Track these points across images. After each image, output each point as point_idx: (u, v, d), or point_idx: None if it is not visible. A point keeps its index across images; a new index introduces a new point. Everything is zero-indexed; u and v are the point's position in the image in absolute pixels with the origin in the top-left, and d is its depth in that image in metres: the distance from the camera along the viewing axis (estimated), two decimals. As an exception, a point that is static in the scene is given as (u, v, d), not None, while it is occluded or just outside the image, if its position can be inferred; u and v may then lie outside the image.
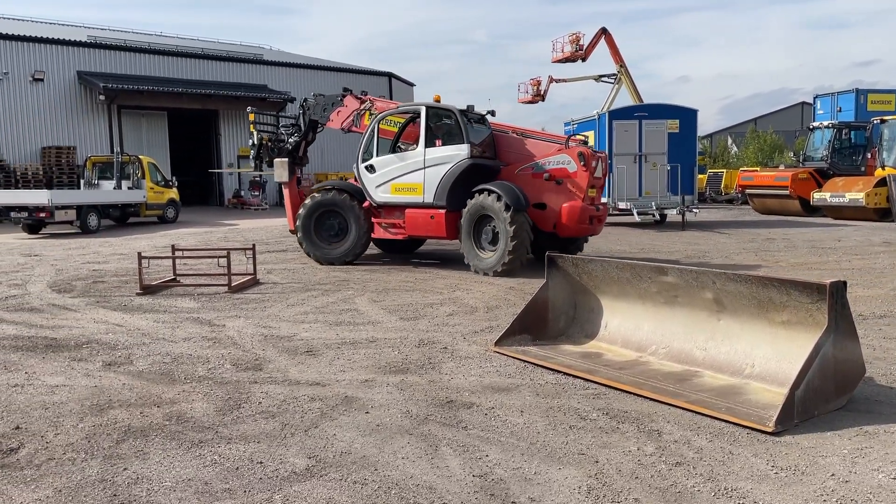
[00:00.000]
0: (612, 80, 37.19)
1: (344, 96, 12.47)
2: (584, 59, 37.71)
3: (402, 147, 11.50)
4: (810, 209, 21.69)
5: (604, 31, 36.77)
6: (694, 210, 19.18)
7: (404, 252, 12.95)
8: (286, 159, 12.52)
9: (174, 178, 24.17)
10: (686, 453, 3.69)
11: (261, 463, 3.61)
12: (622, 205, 18.57)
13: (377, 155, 11.29)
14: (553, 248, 8.99)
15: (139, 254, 9.30)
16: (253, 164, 13.59)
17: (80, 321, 7.29)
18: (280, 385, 4.95)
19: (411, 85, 44.20)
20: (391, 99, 39.39)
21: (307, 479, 3.41)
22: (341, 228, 11.55)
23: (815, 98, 29.53)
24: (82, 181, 23.45)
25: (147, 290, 9.03)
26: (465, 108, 10.94)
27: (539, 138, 11.30)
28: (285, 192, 12.71)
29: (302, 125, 12.98)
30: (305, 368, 5.38)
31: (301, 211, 11.60)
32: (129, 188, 21.87)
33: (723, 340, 4.98)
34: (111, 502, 3.20)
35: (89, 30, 34.64)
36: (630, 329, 5.67)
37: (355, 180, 11.72)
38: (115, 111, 29.29)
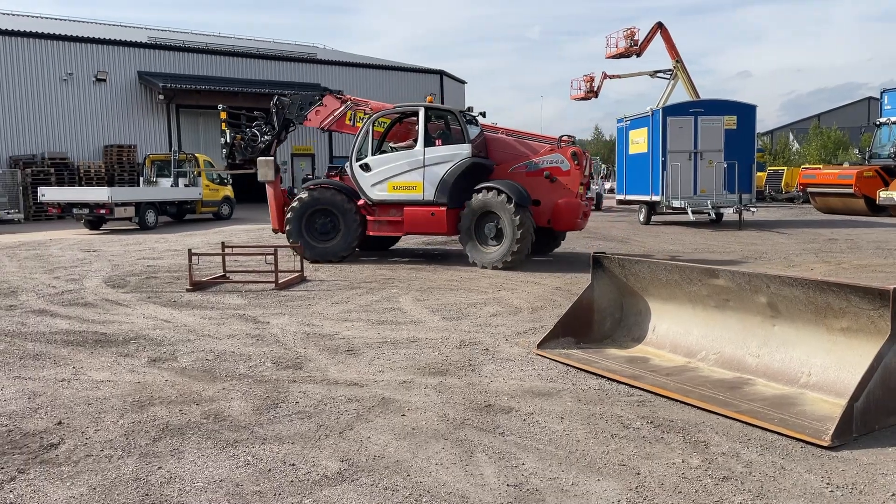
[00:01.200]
0: (668, 76, 36.43)
1: (323, 96, 12.56)
2: (638, 55, 37.08)
3: (395, 147, 11.78)
4: (876, 208, 20.78)
5: (660, 26, 36.03)
6: (752, 209, 18.59)
7: (379, 249, 13.12)
8: (271, 158, 12.47)
9: (229, 176, 24.63)
10: (734, 467, 3.50)
11: (293, 465, 3.57)
12: (676, 203, 18.12)
13: (371, 154, 11.47)
14: (539, 243, 11.04)
15: (189, 251, 9.46)
16: (225, 163, 13.47)
17: (131, 316, 7.43)
18: (318, 385, 4.93)
19: (462, 83, 44.12)
20: (442, 96, 39.40)
21: (338, 484, 3.36)
22: (332, 226, 11.62)
23: (882, 93, 28.28)
24: (141, 179, 24.10)
25: (197, 286, 9.17)
26: (464, 109, 11.60)
27: (526, 138, 11.86)
28: (269, 191, 12.43)
29: (275, 124, 12.82)
30: (345, 368, 5.34)
31: (293, 210, 11.60)
32: (185, 186, 22.38)
33: (777, 347, 4.74)
34: (143, 501, 3.20)
35: (150, 31, 35.61)
36: (679, 333, 5.47)
37: (338, 177, 12.27)
38: (174, 110, 30.02)
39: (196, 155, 23.86)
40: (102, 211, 18.89)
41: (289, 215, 11.60)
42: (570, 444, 3.81)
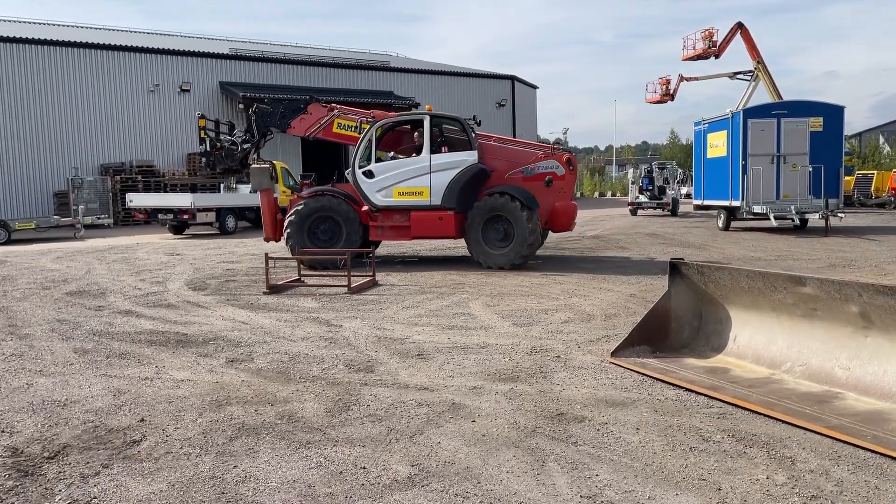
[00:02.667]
0: (749, 77, 35.24)
1: (308, 104, 12.50)
2: (717, 56, 36.02)
3: (396, 155, 12.11)
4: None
5: (740, 26, 34.91)
6: (839, 214, 17.71)
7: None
8: (266, 166, 12.47)
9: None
10: (823, 485, 3.31)
11: (364, 468, 3.58)
12: (757, 208, 17.44)
13: (374, 161, 11.67)
14: None
15: (266, 255, 9.69)
16: (206, 171, 13.36)
17: (210, 318, 7.66)
18: (389, 388, 4.94)
19: (534, 87, 43.87)
20: (513, 101, 39.30)
21: (409, 488, 3.34)
22: (333, 233, 11.67)
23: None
24: (222, 185, 24.93)
25: (273, 289, 9.39)
26: (470, 117, 12.00)
27: (516, 146, 12.43)
28: (262, 199, 12.32)
29: (255, 132, 12.71)
30: (415, 372, 5.35)
31: (294, 217, 11.63)
32: (263, 192, 22.98)
33: (870, 360, 4.47)
34: (218, 499, 3.26)
35: (231, 42, 36.86)
36: (762, 343, 5.23)
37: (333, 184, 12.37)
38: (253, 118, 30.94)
39: (273, 162, 24.48)
40: (185, 216, 19.67)
41: (291, 222, 11.62)
42: (646, 456, 3.69)
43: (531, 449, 3.79)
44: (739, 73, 35.96)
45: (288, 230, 11.67)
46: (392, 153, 12.38)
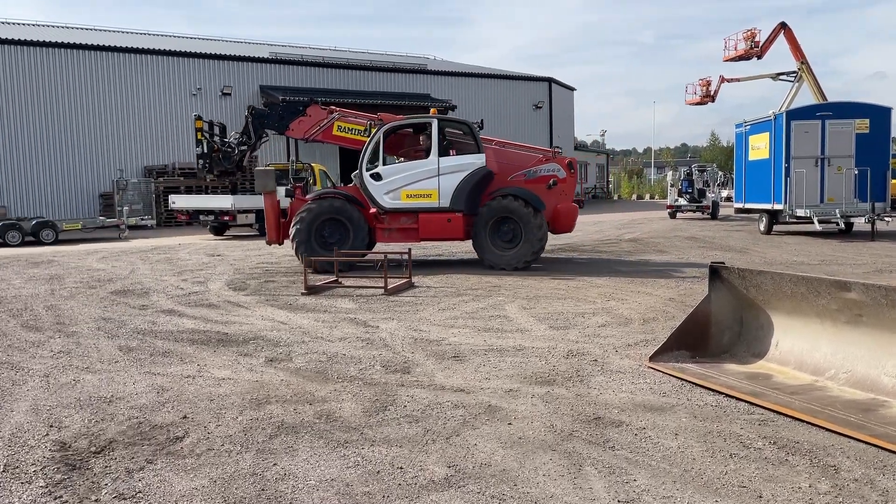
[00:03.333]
0: (793, 79, 34.57)
1: (307, 106, 12.40)
2: (759, 57, 35.43)
3: (400, 159, 12.24)
4: None
5: (783, 27, 34.29)
6: (886, 218, 17.25)
7: None
8: (272, 168, 12.34)
9: (342, 185, 25.41)
10: (868, 495, 3.23)
11: (401, 468, 3.61)
12: (801, 212, 17.08)
13: (384, 164, 11.71)
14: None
15: (306, 257, 9.81)
16: (203, 175, 12.86)
17: (250, 318, 7.79)
18: (425, 389, 4.97)
19: (572, 89, 43.62)
20: (550, 103, 39.13)
21: (445, 489, 3.36)
22: (340, 236, 11.63)
23: None
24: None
25: (311, 290, 9.51)
26: (478, 121, 12.28)
27: (517, 149, 12.72)
28: (266, 202, 12.09)
29: (252, 133, 12.53)
30: (451, 374, 5.36)
31: (302, 220, 11.51)
32: (301, 194, 23.26)
33: (918, 368, 4.35)
34: (259, 496, 3.32)
35: (271, 46, 37.40)
36: (805, 350, 5.13)
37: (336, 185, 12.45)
38: (291, 122, 31.34)
39: (312, 164, 24.78)
40: (226, 218, 20.02)
41: (298, 225, 11.51)
42: (685, 461, 3.65)
43: (568, 453, 3.78)
44: (782, 74, 35.33)
45: (296, 233, 11.54)
46: (397, 156, 12.44)
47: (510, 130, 37.38)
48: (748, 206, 19.75)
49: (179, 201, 21.33)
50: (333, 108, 12.71)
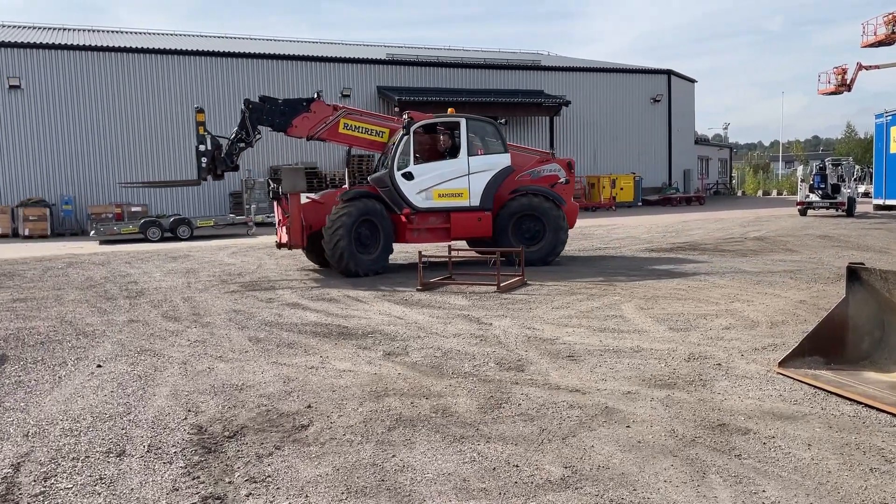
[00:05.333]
0: (942, 63, 31.66)
1: (311, 102, 11.68)
2: (903, 41, 32.69)
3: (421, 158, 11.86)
4: None
5: (931, 6, 31.43)
6: None
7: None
8: (301, 167, 11.56)
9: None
10: None
11: (517, 466, 3.61)
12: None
13: (414, 163, 11.46)
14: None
15: (420, 253, 10.00)
16: (202, 176, 11.57)
17: (368, 312, 8.03)
18: (540, 388, 4.94)
19: (692, 81, 41.96)
20: (669, 97, 37.80)
21: (562, 490, 3.33)
22: (371, 237, 11.13)
23: None
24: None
25: (426, 286, 9.67)
26: (502, 121, 12.42)
27: (517, 150, 12.70)
28: (293, 203, 11.31)
29: (250, 129, 11.53)
30: (566, 374, 5.30)
31: (343, 224, 10.67)
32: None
33: None
34: (378, 486, 3.42)
35: (388, 48, 38.30)
36: (958, 359, 4.69)
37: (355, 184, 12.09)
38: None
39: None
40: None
41: (340, 230, 10.64)
42: (819, 474, 3.43)
43: (690, 459, 3.65)
44: (930, 58, 32.42)
45: (338, 238, 10.65)
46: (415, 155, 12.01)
47: (626, 125, 36.46)
48: (889, 202, 18.30)
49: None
50: (340, 106, 12.11)
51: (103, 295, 9.77)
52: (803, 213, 25.30)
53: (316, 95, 11.86)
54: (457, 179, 11.65)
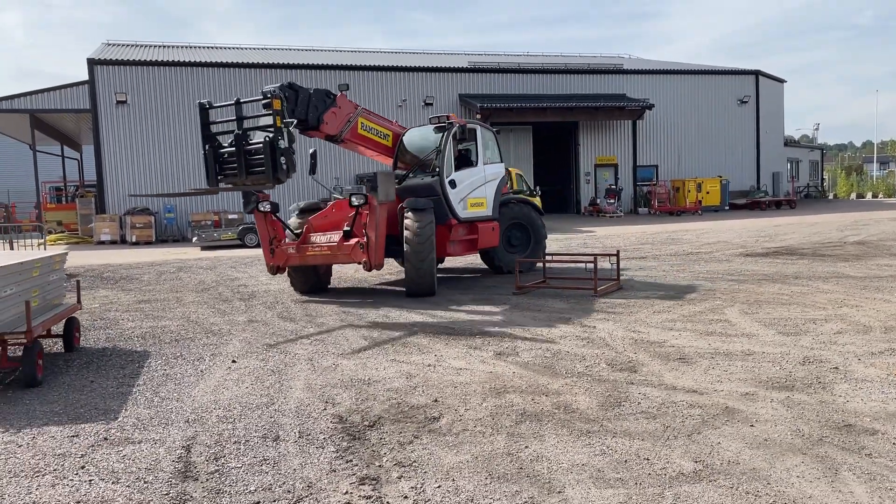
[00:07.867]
0: None
1: (334, 95, 10.08)
2: None
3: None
4: None
5: None
6: None
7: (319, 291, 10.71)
8: (392, 172, 10.62)
9: (538, 188, 25.78)
10: None
11: (647, 459, 3.78)
12: None
13: (455, 170, 10.91)
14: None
15: (517, 259, 10.21)
16: (282, 177, 8.80)
17: (470, 314, 8.30)
18: (656, 388, 5.08)
19: (781, 81, 40.63)
20: (757, 98, 36.73)
21: (696, 482, 3.49)
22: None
23: None
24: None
25: (521, 290, 9.88)
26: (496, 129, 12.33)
27: None
28: (382, 215, 9.33)
29: (282, 125, 8.82)
30: (680, 375, 5.42)
31: (430, 230, 9.56)
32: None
33: None
34: (518, 473, 3.66)
35: (469, 56, 38.73)
36: None
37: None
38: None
39: (509, 169, 25.39)
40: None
41: (428, 239, 9.52)
42: (955, 475, 3.47)
43: (820, 457, 3.73)
44: None
45: (430, 248, 9.58)
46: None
47: (712, 128, 35.66)
48: None
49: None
50: (357, 105, 10.58)
51: (218, 297, 10.41)
52: (905, 216, 24.14)
53: (339, 90, 10.23)
54: (480, 188, 11.26)
